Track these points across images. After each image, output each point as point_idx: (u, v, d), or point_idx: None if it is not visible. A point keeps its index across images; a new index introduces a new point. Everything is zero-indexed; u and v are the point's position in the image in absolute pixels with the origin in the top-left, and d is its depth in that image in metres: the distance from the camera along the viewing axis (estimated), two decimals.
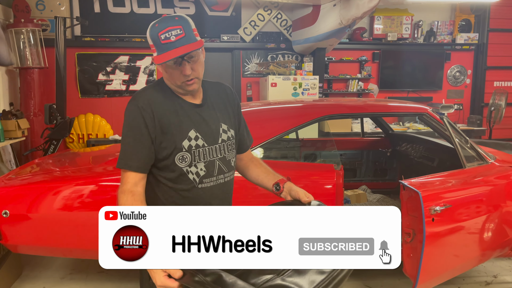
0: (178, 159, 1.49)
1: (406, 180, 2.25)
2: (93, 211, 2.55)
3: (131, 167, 1.45)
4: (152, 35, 1.43)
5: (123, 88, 6.58)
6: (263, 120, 2.97)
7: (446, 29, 7.34)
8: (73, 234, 2.61)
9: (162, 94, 1.51)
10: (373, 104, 3.12)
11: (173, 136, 1.48)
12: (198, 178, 1.52)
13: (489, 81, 7.49)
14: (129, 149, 1.46)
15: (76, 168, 3.17)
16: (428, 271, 2.18)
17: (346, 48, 7.03)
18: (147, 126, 1.45)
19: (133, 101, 1.49)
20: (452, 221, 2.24)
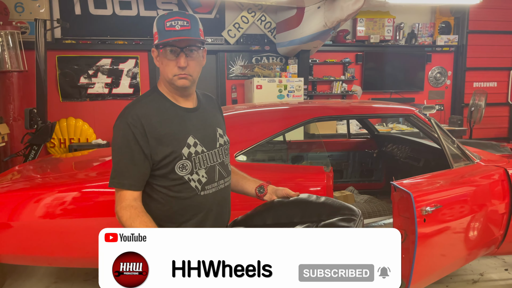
0: (179, 167, 1.45)
1: (397, 182, 2.26)
2: (77, 218, 2.49)
3: (124, 185, 1.41)
4: (158, 22, 1.43)
5: (105, 91, 6.47)
6: (251, 123, 2.95)
7: (426, 31, 7.47)
8: (57, 242, 2.53)
9: (153, 105, 1.47)
10: (361, 106, 3.14)
11: (171, 146, 1.44)
12: (200, 186, 1.49)
13: (469, 82, 7.65)
14: (121, 167, 1.42)
15: (58, 174, 3.08)
16: (420, 272, 2.19)
17: (330, 50, 7.08)
18: (137, 142, 1.41)
19: (122, 118, 1.45)
20: (443, 221, 2.26)
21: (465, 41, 7.44)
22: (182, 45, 1.41)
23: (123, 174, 1.42)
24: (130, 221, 1.37)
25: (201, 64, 1.51)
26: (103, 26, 6.35)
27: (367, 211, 3.60)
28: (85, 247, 2.55)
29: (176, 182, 1.46)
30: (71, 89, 6.37)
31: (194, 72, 1.47)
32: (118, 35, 6.39)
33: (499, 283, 3.26)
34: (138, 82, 6.55)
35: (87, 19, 6.30)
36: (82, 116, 6.40)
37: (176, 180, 1.46)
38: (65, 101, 6.38)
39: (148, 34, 6.47)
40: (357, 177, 4.54)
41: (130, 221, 1.37)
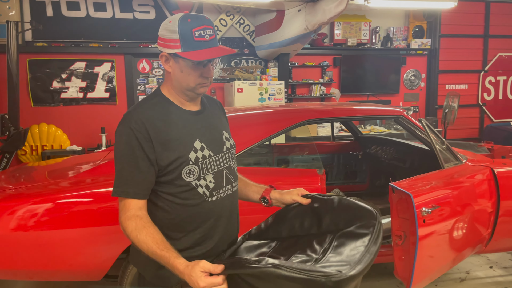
0: (186, 173, 1.37)
1: (395, 183, 2.25)
2: (52, 230, 2.36)
3: (128, 194, 1.32)
4: (183, 30, 1.31)
5: (80, 96, 6.25)
6: (239, 126, 2.89)
7: (401, 34, 7.62)
8: (35, 255, 2.39)
9: (156, 108, 1.40)
10: (351, 108, 3.13)
11: (177, 151, 1.36)
12: (208, 191, 1.42)
13: (442, 84, 7.87)
14: (125, 175, 1.33)
15: (33, 184, 2.92)
16: (420, 273, 2.19)
17: (308, 54, 7.11)
18: (142, 147, 1.32)
19: (124, 123, 1.36)
20: (440, 222, 2.27)
21: (438, 45, 7.65)
22: (213, 57, 1.34)
23: (127, 182, 1.32)
24: (135, 232, 1.29)
25: None
26: (77, 28, 6.13)
27: None
28: (65, 260, 2.43)
29: (183, 188, 1.38)
30: (43, 93, 6.12)
31: (212, 77, 1.44)
32: (92, 38, 6.19)
33: (485, 281, 3.32)
34: (114, 86, 6.36)
35: (59, 21, 6.07)
36: (55, 122, 6.15)
37: (183, 186, 1.38)
38: (37, 106, 6.12)
39: (125, 36, 6.30)
40: (342, 179, 4.55)
41: (135, 233, 1.29)
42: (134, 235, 1.29)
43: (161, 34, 1.36)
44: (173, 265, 1.23)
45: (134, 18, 6.32)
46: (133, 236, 1.30)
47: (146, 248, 1.27)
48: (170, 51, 1.34)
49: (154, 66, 6.58)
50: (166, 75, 1.44)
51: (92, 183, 2.58)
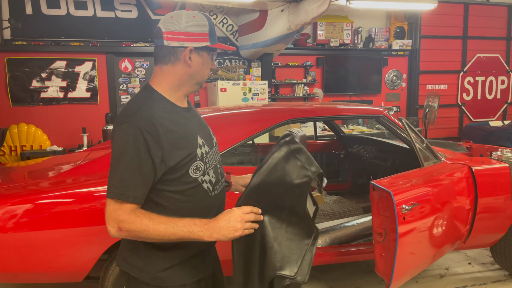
0: (193, 169, 1.36)
1: (376, 181, 2.28)
2: (32, 231, 2.32)
3: (129, 197, 1.26)
4: (210, 24, 1.39)
5: (60, 95, 6.15)
6: (221, 126, 2.89)
7: (383, 35, 7.73)
8: (15, 257, 2.35)
9: (158, 105, 1.36)
10: (333, 107, 3.17)
11: (186, 148, 1.35)
12: (211, 186, 1.43)
13: (422, 84, 8.01)
14: (126, 178, 1.26)
15: (11, 185, 2.85)
16: (400, 269, 2.22)
17: (292, 54, 7.15)
18: (149, 150, 1.27)
19: (133, 121, 1.28)
20: (420, 219, 2.31)
21: (418, 46, 7.78)
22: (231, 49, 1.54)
23: (128, 185, 1.26)
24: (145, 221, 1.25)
25: None
26: (57, 26, 6.03)
27: (338, 212, 3.63)
28: (44, 262, 2.39)
29: (190, 185, 1.37)
30: (22, 93, 6.00)
31: None
32: (73, 36, 6.10)
33: (465, 277, 3.40)
34: (96, 85, 6.28)
35: (39, 19, 5.96)
36: (34, 122, 6.04)
37: (190, 183, 1.36)
38: (16, 106, 6.00)
39: (106, 35, 6.23)
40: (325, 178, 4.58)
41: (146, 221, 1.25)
42: (145, 223, 1.25)
43: (187, 28, 1.34)
44: (201, 223, 1.29)
45: (116, 17, 6.25)
46: (144, 224, 1.25)
47: (164, 228, 1.25)
48: (199, 44, 1.35)
49: (137, 66, 6.52)
50: (160, 73, 1.40)
51: (73, 183, 2.54)
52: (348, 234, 3.08)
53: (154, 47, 1.40)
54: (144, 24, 6.36)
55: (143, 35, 6.37)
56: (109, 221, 1.27)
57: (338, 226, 3.18)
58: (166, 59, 1.37)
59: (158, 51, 1.38)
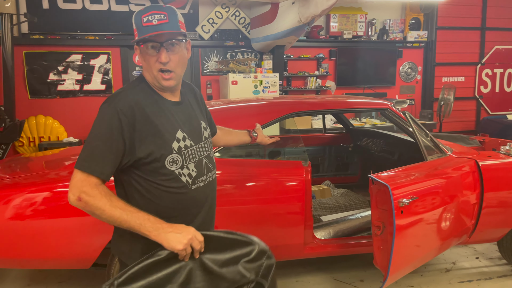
0: (169, 162, 1.41)
1: (375, 175, 2.30)
2: (48, 219, 2.42)
3: (94, 171, 1.33)
4: (136, 18, 1.39)
5: (76, 88, 6.29)
6: (230, 118, 2.94)
7: (397, 27, 7.62)
8: (29, 244, 2.46)
9: (143, 94, 1.43)
10: (338, 100, 3.17)
11: (161, 139, 1.40)
12: (191, 180, 1.47)
13: (438, 76, 7.87)
14: (95, 153, 1.34)
15: (28, 174, 2.98)
16: (397, 262, 2.24)
17: (304, 46, 7.12)
18: (122, 131, 1.34)
19: (112, 102, 1.37)
20: (419, 212, 2.32)
21: (434, 37, 7.64)
22: (161, 40, 1.37)
23: (97, 160, 1.33)
24: (107, 197, 1.31)
25: (185, 57, 1.48)
26: (73, 20, 6.16)
27: (344, 205, 3.65)
28: (59, 248, 2.49)
29: (167, 176, 1.42)
30: (39, 85, 6.17)
31: (177, 67, 1.44)
32: (88, 30, 6.22)
33: (471, 271, 3.38)
34: (110, 78, 6.40)
35: (55, 14, 6.10)
36: (52, 114, 6.21)
37: (167, 175, 1.42)
38: (34, 98, 6.17)
39: (120, 29, 6.33)
40: (333, 171, 4.60)
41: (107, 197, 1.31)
42: (104, 202, 1.30)
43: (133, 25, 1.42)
44: (156, 221, 1.33)
45: (129, 11, 6.33)
46: (102, 203, 1.30)
47: (119, 213, 1.30)
48: (135, 39, 1.41)
49: None
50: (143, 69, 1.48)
51: None
52: (351, 227, 3.11)
53: None
54: None
55: None
56: (72, 188, 1.33)
57: (342, 219, 3.21)
58: None
59: None
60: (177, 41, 1.41)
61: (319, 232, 3.00)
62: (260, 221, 2.63)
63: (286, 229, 2.67)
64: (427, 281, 3.21)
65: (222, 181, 2.55)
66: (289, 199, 2.64)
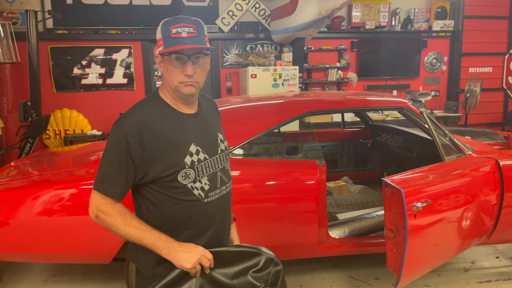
0: (182, 176, 1.43)
1: (388, 178, 2.28)
2: (74, 216, 2.51)
3: (107, 192, 1.41)
4: (163, 28, 1.40)
5: (99, 81, 6.43)
6: (245, 117, 2.96)
7: (422, 16, 7.41)
8: (54, 239, 2.56)
9: (154, 111, 1.44)
10: (355, 99, 3.14)
11: (173, 155, 1.41)
12: (203, 193, 1.48)
13: (465, 67, 7.64)
14: (108, 175, 1.41)
15: (56, 171, 3.09)
16: (411, 265, 2.23)
17: (325, 37, 7.03)
18: (130, 152, 1.38)
19: (120, 124, 1.41)
20: (433, 217, 2.29)
21: (461, 26, 7.40)
22: (189, 53, 1.39)
23: (109, 182, 1.41)
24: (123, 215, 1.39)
25: (207, 70, 1.49)
26: (96, 15, 6.27)
27: (361, 202, 3.64)
28: (81, 244, 2.59)
29: (179, 190, 1.44)
30: (64, 80, 6.33)
31: (200, 79, 1.45)
32: (110, 25, 6.32)
33: (490, 271, 3.33)
34: (132, 72, 6.51)
35: (79, 9, 6.22)
36: (76, 107, 6.38)
37: (179, 188, 1.44)
38: (59, 92, 6.35)
39: (142, 23, 6.40)
40: (352, 167, 4.58)
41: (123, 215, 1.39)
42: (119, 221, 1.38)
43: (157, 35, 1.43)
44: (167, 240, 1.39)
45: (150, 4, 6.39)
46: (117, 221, 1.38)
47: (132, 231, 1.38)
48: (159, 50, 1.41)
49: None
50: (163, 78, 1.49)
51: None
52: (367, 226, 3.10)
53: None
54: (178, 11, 6.46)
55: None
56: (90, 206, 1.44)
57: (358, 218, 3.20)
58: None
59: None
60: (202, 54, 1.42)
61: (334, 231, 3.01)
62: (275, 220, 2.66)
63: (300, 229, 2.69)
64: (444, 280, 3.18)
65: (238, 180, 2.59)
66: (303, 199, 2.65)
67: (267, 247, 1.61)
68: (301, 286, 3.14)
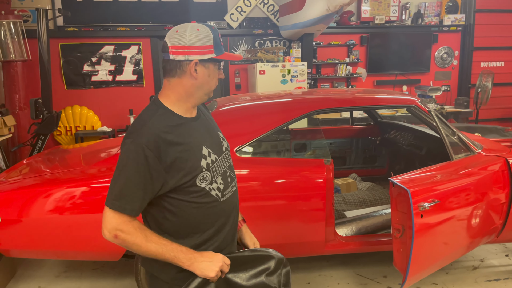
0: (200, 179, 1.43)
1: (395, 177, 2.28)
2: (85, 214, 2.55)
3: (125, 210, 1.34)
4: (215, 34, 1.42)
5: (109, 78, 6.49)
6: (252, 115, 2.97)
7: (433, 10, 7.32)
8: (65, 237, 2.61)
9: (164, 120, 1.41)
10: (362, 97, 3.12)
11: (189, 161, 1.40)
12: (220, 193, 1.49)
13: (476, 62, 7.54)
14: (125, 192, 1.34)
15: (67, 169, 3.13)
16: (417, 265, 2.23)
17: (334, 33, 6.99)
18: (149, 166, 1.33)
19: (135, 138, 1.35)
20: (441, 217, 2.28)
21: (473, 20, 7.30)
22: (236, 59, 1.57)
23: (126, 199, 1.34)
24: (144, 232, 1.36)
25: None
26: (105, 12, 6.31)
27: (369, 199, 3.64)
28: (91, 241, 2.63)
29: (198, 194, 1.44)
30: (75, 76, 6.40)
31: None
32: (120, 22, 6.36)
33: (499, 269, 3.31)
34: (141, 68, 6.55)
35: (88, 6, 6.26)
36: (87, 104, 6.45)
37: (198, 192, 1.44)
38: (70, 89, 6.42)
39: (150, 19, 6.43)
40: (360, 164, 4.57)
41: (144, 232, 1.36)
42: (140, 239, 1.34)
43: (191, 42, 1.37)
44: (187, 251, 1.39)
45: (159, 1, 6.41)
46: (138, 239, 1.34)
47: (154, 247, 1.35)
48: (204, 57, 1.39)
49: None
50: (168, 86, 1.45)
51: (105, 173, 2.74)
52: (375, 224, 3.10)
53: (162, 61, 1.45)
54: (186, 7, 6.48)
55: (185, 18, 6.51)
56: (106, 226, 1.35)
57: (365, 216, 3.20)
58: (173, 73, 1.41)
59: (165, 64, 1.43)
60: None
61: (341, 229, 3.01)
62: (282, 219, 2.67)
63: (307, 227, 2.70)
64: (452, 279, 3.18)
65: (246, 179, 2.61)
66: (310, 198, 2.66)
67: (275, 245, 1.65)
68: (309, 283, 3.16)
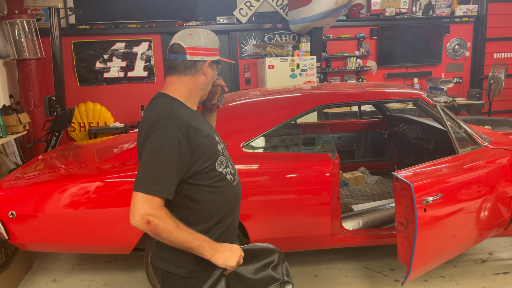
0: (218, 164, 1.53)
1: (398, 172, 2.30)
2: (99, 208, 2.63)
3: (162, 193, 1.36)
4: (218, 40, 1.59)
5: (121, 75, 6.59)
6: (260, 111, 3.01)
7: (445, 1, 7.23)
8: (79, 231, 2.69)
9: (184, 110, 1.52)
10: (369, 91, 3.14)
11: (210, 146, 1.51)
12: (232, 177, 1.61)
13: (489, 53, 7.44)
14: (160, 175, 1.37)
15: (82, 165, 3.21)
16: (421, 259, 2.26)
17: (344, 26, 6.96)
18: (181, 150, 1.41)
19: (168, 123, 1.42)
20: (444, 211, 2.30)
21: (485, 11, 7.18)
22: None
23: (162, 182, 1.37)
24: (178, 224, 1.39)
25: None
26: (116, 10, 6.40)
27: (377, 193, 3.66)
28: (104, 235, 2.72)
29: (217, 178, 1.52)
30: (87, 73, 6.51)
31: None
32: (130, 19, 6.44)
33: (508, 262, 3.30)
34: (152, 64, 6.63)
35: (100, 4, 6.35)
36: (99, 100, 6.56)
37: (217, 176, 1.52)
38: (83, 86, 6.54)
39: (160, 16, 6.49)
40: (369, 157, 4.58)
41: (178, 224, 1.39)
42: (172, 225, 1.35)
43: (206, 45, 1.53)
44: (210, 241, 1.45)
45: None
46: (170, 225, 1.35)
47: (183, 235, 1.38)
48: (214, 58, 1.56)
49: None
50: (178, 82, 1.54)
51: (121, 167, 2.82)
52: (381, 217, 3.13)
53: (170, 61, 1.54)
54: (195, 3, 6.53)
55: (194, 14, 6.56)
56: (138, 211, 1.33)
57: (372, 209, 3.23)
58: (187, 71, 1.53)
59: (178, 64, 1.52)
60: None
61: (348, 223, 3.04)
62: (289, 213, 2.71)
63: (314, 221, 2.74)
64: (460, 272, 3.19)
65: (252, 173, 2.66)
66: (316, 192, 2.70)
67: (282, 239, 1.73)
68: (316, 276, 3.20)
